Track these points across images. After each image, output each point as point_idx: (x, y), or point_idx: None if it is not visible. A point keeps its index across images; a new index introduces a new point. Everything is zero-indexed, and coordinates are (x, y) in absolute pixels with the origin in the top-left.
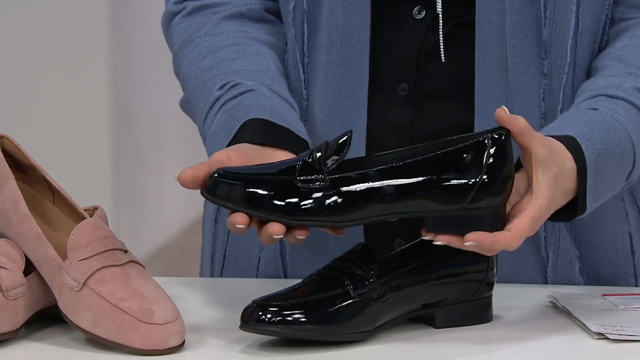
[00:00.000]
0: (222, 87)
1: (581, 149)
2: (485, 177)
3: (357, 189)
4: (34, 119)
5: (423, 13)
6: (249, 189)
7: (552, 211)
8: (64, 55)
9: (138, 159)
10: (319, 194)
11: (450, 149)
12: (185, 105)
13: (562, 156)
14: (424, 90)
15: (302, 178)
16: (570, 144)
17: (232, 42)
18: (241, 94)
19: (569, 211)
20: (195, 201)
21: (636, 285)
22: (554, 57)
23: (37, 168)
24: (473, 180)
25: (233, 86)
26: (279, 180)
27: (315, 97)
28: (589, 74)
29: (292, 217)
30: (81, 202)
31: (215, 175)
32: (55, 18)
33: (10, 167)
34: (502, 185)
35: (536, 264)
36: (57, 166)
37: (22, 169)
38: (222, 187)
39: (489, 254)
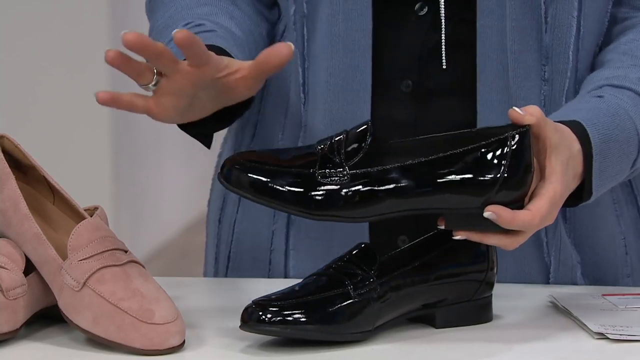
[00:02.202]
0: (186, 24)
1: (587, 133)
2: (505, 174)
3: (377, 185)
4: (34, 119)
5: (425, 9)
6: (266, 179)
7: (566, 195)
8: (64, 55)
9: (138, 159)
10: (338, 188)
11: (471, 146)
12: None
13: (570, 139)
14: (428, 87)
15: (322, 172)
16: (576, 128)
17: (209, 3)
18: (203, 32)
19: (575, 197)
20: (196, 201)
21: (632, 286)
22: (555, 62)
23: (37, 168)
24: (493, 177)
25: (197, 25)
26: (298, 172)
27: (316, 103)
28: (593, 69)
29: (308, 210)
30: (81, 202)
31: (232, 161)
32: (55, 18)
33: (10, 167)
34: (523, 181)
35: (539, 270)
36: (57, 166)
37: (22, 169)
38: (238, 176)
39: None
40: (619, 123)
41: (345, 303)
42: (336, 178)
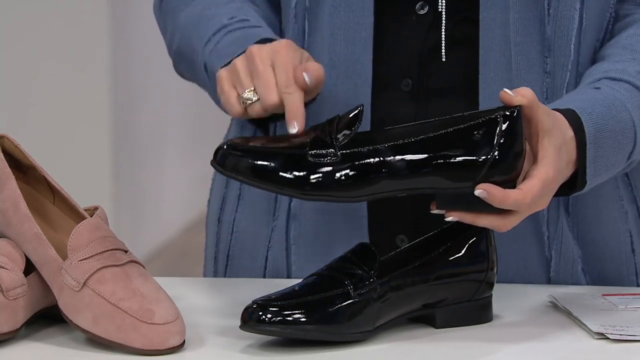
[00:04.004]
0: (231, 17)
1: (581, 121)
2: (497, 154)
3: (369, 165)
4: (34, 119)
5: (426, 9)
6: (259, 161)
7: (560, 181)
8: (64, 55)
9: (138, 159)
10: (330, 168)
11: (462, 126)
12: (181, 39)
13: (563, 125)
14: (428, 86)
15: (313, 152)
16: (570, 116)
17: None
18: (250, 27)
19: (570, 186)
20: (195, 201)
21: (637, 285)
22: (558, 55)
23: (37, 168)
24: (484, 157)
25: (242, 20)
26: (290, 153)
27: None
28: (594, 63)
29: (301, 191)
30: (81, 202)
31: (225, 147)
32: (55, 18)
33: (10, 167)
34: (514, 162)
35: (539, 264)
36: (57, 166)
37: (22, 169)
38: (231, 160)
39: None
40: (614, 114)
41: (346, 303)
42: (327, 158)
